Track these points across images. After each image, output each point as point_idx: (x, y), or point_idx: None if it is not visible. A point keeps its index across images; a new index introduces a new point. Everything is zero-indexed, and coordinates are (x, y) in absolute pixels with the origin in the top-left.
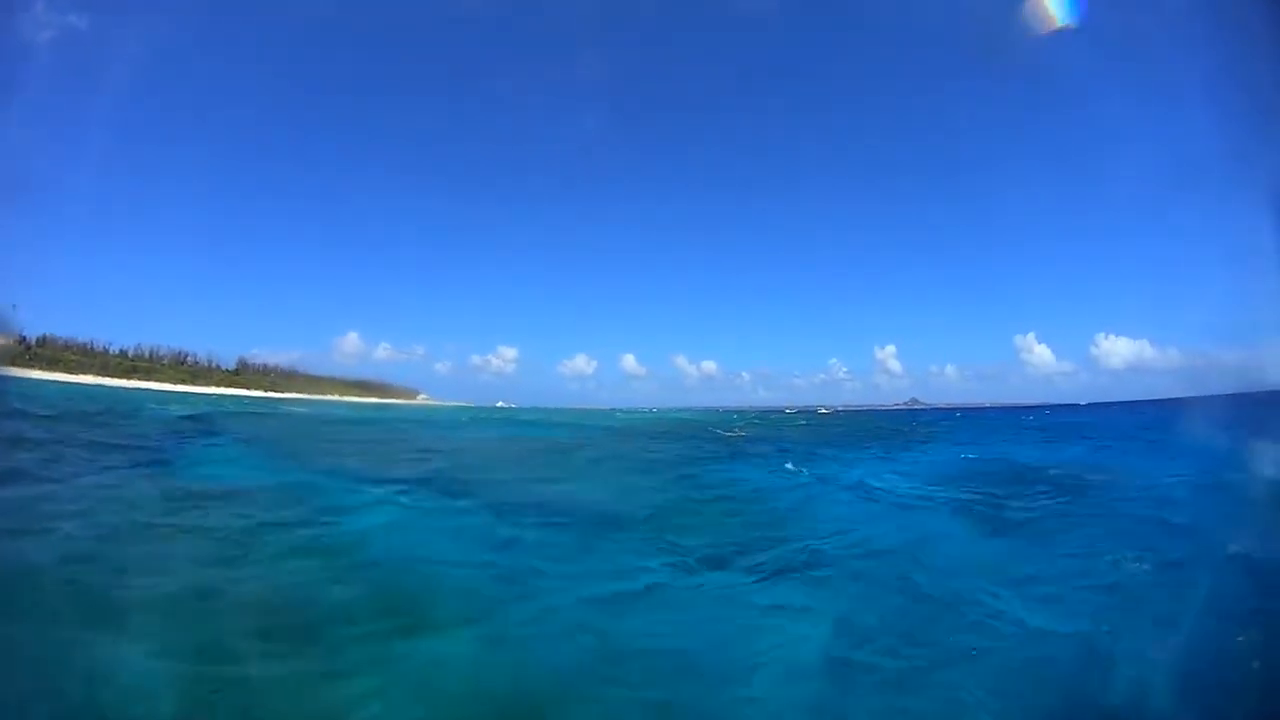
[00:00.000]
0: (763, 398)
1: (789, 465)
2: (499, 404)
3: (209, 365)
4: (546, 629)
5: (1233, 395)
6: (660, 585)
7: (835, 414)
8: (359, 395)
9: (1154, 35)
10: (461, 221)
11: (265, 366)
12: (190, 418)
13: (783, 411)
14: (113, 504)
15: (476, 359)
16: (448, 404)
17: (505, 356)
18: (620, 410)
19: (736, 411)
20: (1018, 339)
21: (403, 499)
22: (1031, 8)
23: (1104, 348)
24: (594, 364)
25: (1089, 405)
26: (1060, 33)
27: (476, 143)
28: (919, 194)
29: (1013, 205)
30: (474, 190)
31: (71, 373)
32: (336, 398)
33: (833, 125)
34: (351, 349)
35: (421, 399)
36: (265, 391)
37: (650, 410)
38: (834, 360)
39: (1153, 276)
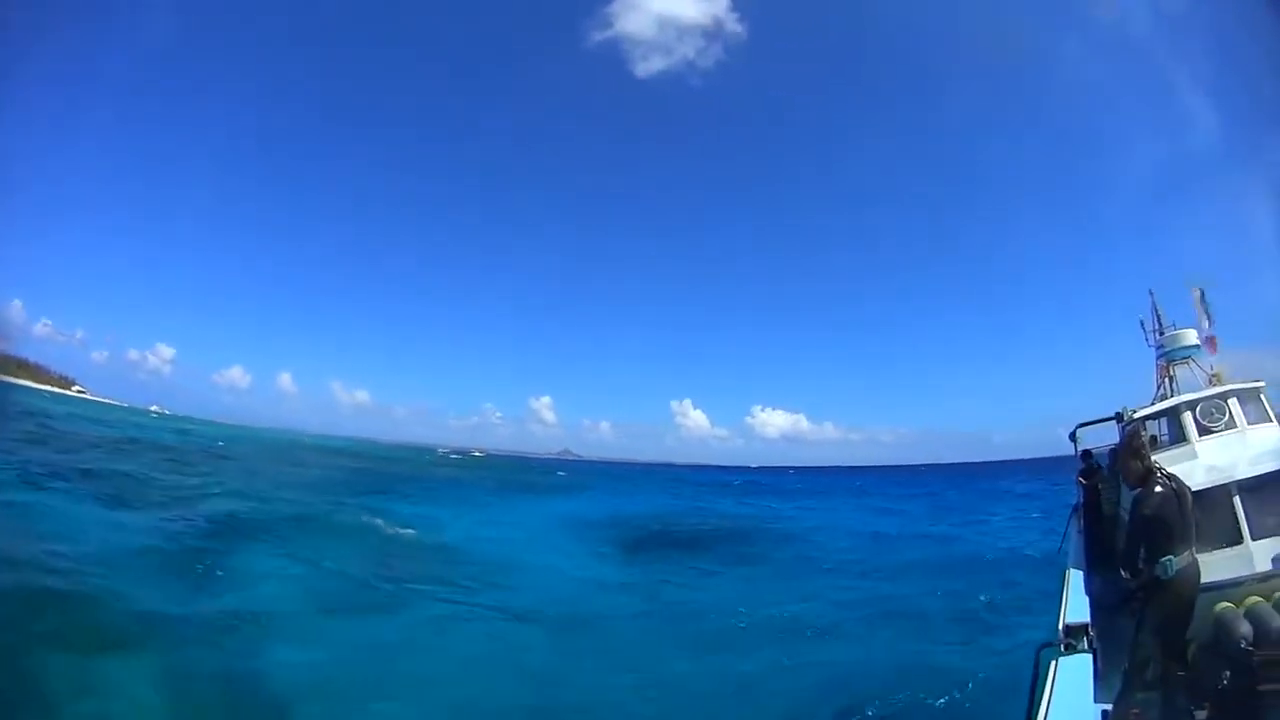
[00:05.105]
0: (415, 434)
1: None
2: (153, 409)
3: None
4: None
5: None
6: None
7: (488, 457)
8: (15, 376)
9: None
10: (130, 200)
11: None
12: None
13: (435, 451)
14: None
15: (134, 353)
16: (102, 400)
17: (163, 356)
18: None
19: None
20: (674, 403)
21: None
22: None
23: (760, 418)
24: (249, 378)
25: (758, 469)
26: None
27: (158, 131)
28: (581, 253)
29: (670, 273)
30: (149, 176)
31: None
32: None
33: (499, 176)
34: (13, 318)
35: (75, 390)
36: None
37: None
38: (489, 405)
39: (807, 357)
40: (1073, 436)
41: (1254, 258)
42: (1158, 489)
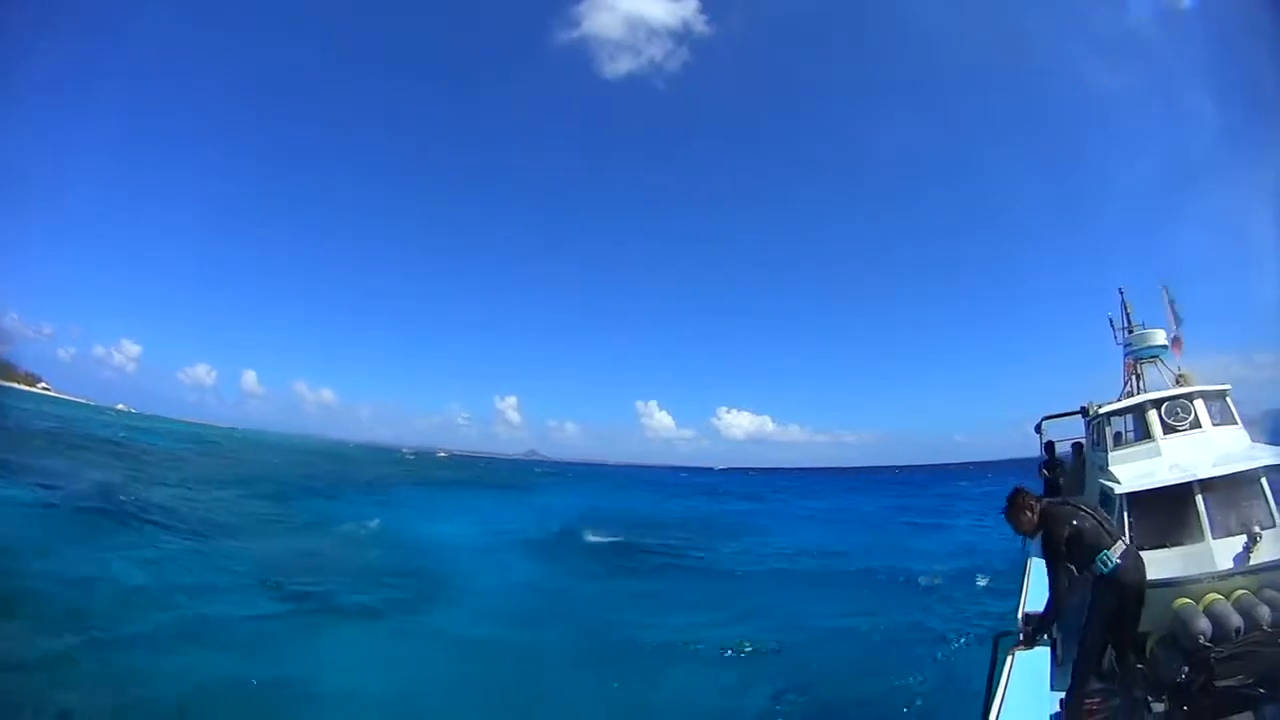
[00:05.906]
0: (380, 435)
1: None
2: (119, 407)
3: None
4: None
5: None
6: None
7: (451, 458)
8: None
9: None
10: (102, 197)
11: None
12: None
13: (398, 451)
14: None
15: (100, 349)
16: (68, 397)
17: (128, 353)
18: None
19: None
20: (639, 404)
21: None
22: None
23: (725, 419)
24: (214, 375)
25: (724, 470)
26: None
27: (131, 132)
28: (548, 253)
29: (636, 274)
30: (122, 174)
31: None
32: None
33: (466, 178)
34: None
35: (41, 387)
36: None
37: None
38: (454, 405)
39: (776, 361)
40: (1038, 428)
41: (1253, 258)
42: (1061, 518)
